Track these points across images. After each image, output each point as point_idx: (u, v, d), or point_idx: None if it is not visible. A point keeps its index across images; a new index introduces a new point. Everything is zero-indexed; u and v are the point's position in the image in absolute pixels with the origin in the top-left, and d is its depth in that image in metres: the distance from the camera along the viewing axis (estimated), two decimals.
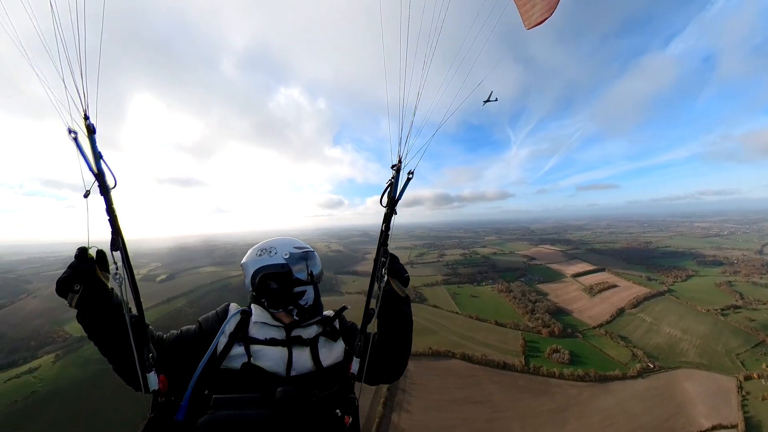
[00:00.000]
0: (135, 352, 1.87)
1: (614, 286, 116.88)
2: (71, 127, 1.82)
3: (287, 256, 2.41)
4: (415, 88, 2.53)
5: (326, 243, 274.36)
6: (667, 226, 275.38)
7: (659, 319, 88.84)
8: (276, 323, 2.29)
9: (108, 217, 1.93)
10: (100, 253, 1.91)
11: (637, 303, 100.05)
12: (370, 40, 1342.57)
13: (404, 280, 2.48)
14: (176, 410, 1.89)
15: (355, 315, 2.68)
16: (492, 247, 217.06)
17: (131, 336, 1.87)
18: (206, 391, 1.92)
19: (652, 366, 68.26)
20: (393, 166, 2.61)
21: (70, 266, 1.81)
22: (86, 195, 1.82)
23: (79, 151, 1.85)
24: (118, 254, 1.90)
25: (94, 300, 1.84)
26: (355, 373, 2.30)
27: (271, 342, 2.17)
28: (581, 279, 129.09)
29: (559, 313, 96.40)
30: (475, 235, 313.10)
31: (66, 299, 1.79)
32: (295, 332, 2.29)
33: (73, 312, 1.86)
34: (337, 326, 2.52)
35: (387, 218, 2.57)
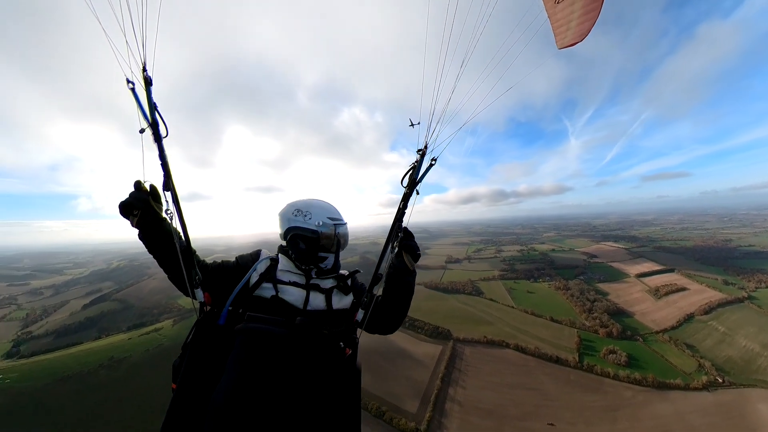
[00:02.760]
0: (185, 273, 2.27)
1: (683, 289, 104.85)
2: (129, 77, 2.00)
3: (320, 224, 2.62)
4: (448, 90, 2.62)
5: None
6: (752, 221, 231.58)
7: (734, 330, 78.45)
8: (298, 272, 2.62)
9: (160, 162, 2.22)
10: (153, 186, 2.22)
11: (709, 309, 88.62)
12: (414, 55, 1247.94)
13: (415, 256, 2.66)
14: (218, 318, 2.33)
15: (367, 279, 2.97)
16: (550, 243, 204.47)
17: (181, 260, 2.24)
18: (240, 310, 2.35)
19: (720, 380, 60.85)
20: (418, 151, 2.78)
21: (130, 195, 2.15)
22: (142, 131, 2.11)
23: (136, 101, 2.05)
24: (169, 194, 2.26)
25: (150, 224, 2.20)
26: (359, 320, 2.64)
27: (294, 284, 2.53)
28: (646, 280, 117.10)
29: (619, 314, 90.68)
30: (533, 231, 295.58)
31: (128, 220, 2.19)
32: (314, 281, 2.61)
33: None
34: (350, 284, 2.79)
35: (406, 197, 2.75)
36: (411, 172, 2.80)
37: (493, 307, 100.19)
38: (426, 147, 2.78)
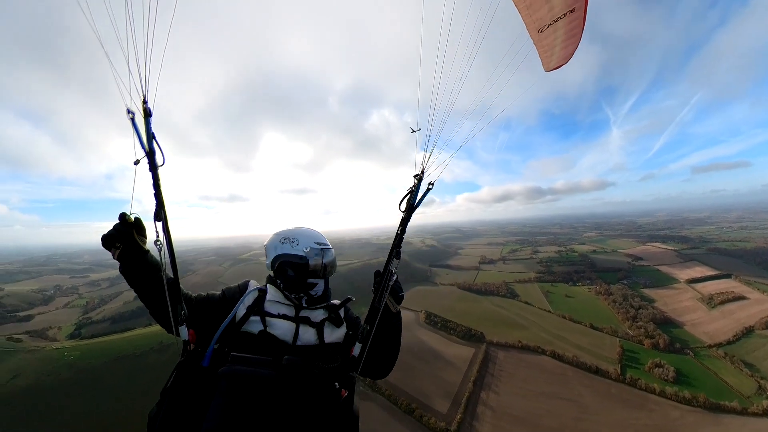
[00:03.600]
0: (170, 309, 2.13)
1: (742, 297, 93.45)
2: (130, 107, 2.06)
3: (307, 250, 2.58)
4: (443, 114, 2.76)
5: (421, 238, 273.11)
6: None
7: None
8: (287, 302, 2.50)
9: (153, 192, 2.16)
10: (138, 219, 2.17)
11: None
12: (436, 56, 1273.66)
13: (398, 298, 2.65)
14: (202, 358, 2.17)
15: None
16: (591, 244, 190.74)
17: (167, 294, 2.14)
18: (226, 349, 2.19)
19: None
20: (415, 176, 2.78)
21: (114, 227, 2.11)
22: (136, 163, 2.12)
23: (134, 130, 2.08)
24: (160, 225, 2.17)
25: (132, 258, 2.14)
26: (356, 355, 2.46)
27: (283, 317, 2.40)
28: (698, 286, 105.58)
29: (666, 323, 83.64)
30: (572, 230, 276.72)
31: (110, 252, 2.15)
32: (304, 312, 2.49)
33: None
34: (342, 314, 2.69)
35: (404, 222, 2.75)
36: (408, 196, 2.79)
37: (529, 310, 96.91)
38: (423, 172, 2.77)
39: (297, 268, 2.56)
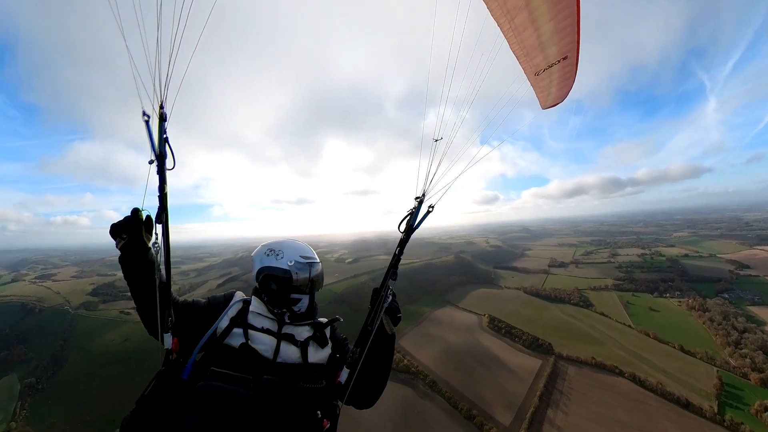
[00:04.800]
0: (158, 313, 2.10)
1: None
2: (146, 110, 2.08)
3: (292, 264, 2.48)
4: (447, 140, 2.87)
5: (485, 238, 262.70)
6: None
7: None
8: (271, 316, 2.41)
9: (158, 194, 2.18)
10: (149, 217, 2.19)
11: None
12: (483, 51, 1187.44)
13: (396, 319, 2.51)
14: (182, 370, 2.10)
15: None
16: (682, 246, 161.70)
17: (157, 297, 2.12)
18: (207, 362, 2.12)
19: None
20: (416, 198, 2.79)
21: (124, 219, 2.15)
22: (150, 162, 2.16)
23: (147, 133, 2.12)
24: (160, 228, 2.19)
25: (134, 251, 2.16)
26: (342, 382, 2.33)
27: (266, 331, 2.30)
28: None
29: None
30: (659, 229, 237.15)
31: (115, 242, 2.17)
32: (287, 329, 2.38)
33: None
34: (328, 334, 2.56)
35: (402, 243, 2.72)
36: (408, 218, 2.77)
37: (605, 323, 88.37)
38: (424, 195, 2.77)
39: (280, 282, 2.46)
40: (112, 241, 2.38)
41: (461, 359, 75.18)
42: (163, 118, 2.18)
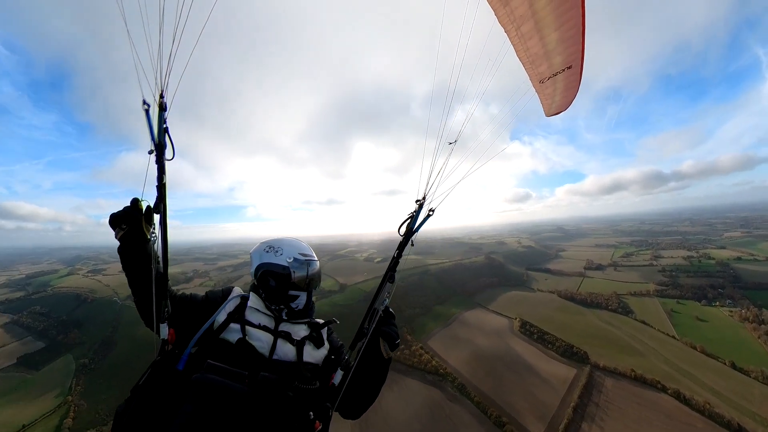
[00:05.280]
0: (154, 303, 2.09)
1: None
2: (146, 99, 2.01)
3: (291, 260, 2.50)
4: (447, 149, 2.92)
5: (516, 238, 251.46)
6: None
7: None
8: (268, 313, 2.43)
9: (157, 184, 2.13)
10: (149, 207, 2.15)
11: None
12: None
13: (393, 345, 2.45)
14: (177, 361, 2.07)
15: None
16: (734, 248, 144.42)
17: (153, 288, 2.09)
18: (202, 355, 2.09)
19: None
20: (417, 201, 2.82)
21: (123, 209, 2.12)
22: (150, 152, 2.11)
23: (147, 122, 2.06)
24: (158, 218, 2.17)
25: (133, 242, 2.13)
26: (336, 384, 2.36)
27: (263, 328, 2.31)
28: None
29: None
30: (707, 228, 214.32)
31: (114, 231, 2.14)
32: (284, 326, 2.40)
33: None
34: (324, 335, 2.58)
35: (401, 246, 2.76)
36: (408, 221, 2.79)
37: (646, 332, 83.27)
38: (424, 198, 2.78)
39: (279, 278, 2.48)
40: (158, 241, 2.44)
41: (491, 364, 73.91)
42: (163, 108, 2.13)
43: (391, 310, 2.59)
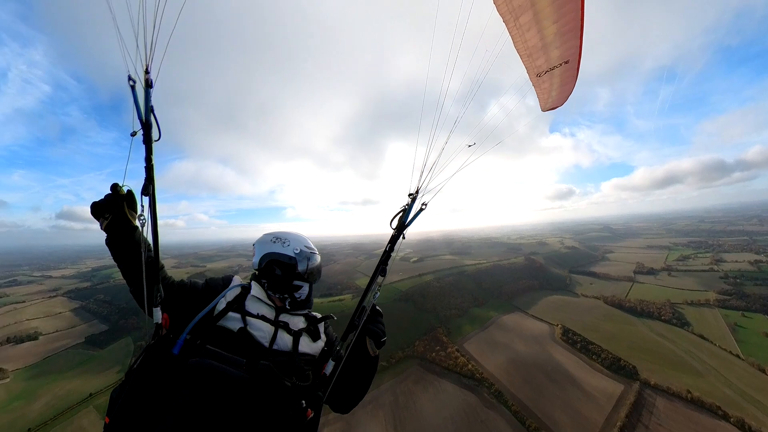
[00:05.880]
0: (145, 288, 2.04)
1: None
2: (132, 76, 1.88)
3: (297, 252, 2.59)
4: (441, 141, 2.93)
5: (559, 238, 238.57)
6: None
7: None
8: (269, 302, 2.45)
9: (145, 165, 2.02)
10: (130, 192, 2.07)
11: None
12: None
13: (380, 343, 2.48)
14: (173, 345, 2.03)
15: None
16: None
17: (143, 273, 2.04)
18: (198, 341, 2.06)
19: None
20: (410, 195, 2.82)
21: (105, 197, 2.04)
22: (133, 134, 1.97)
23: (134, 99, 1.93)
24: (147, 201, 2.04)
25: (119, 230, 2.05)
26: (327, 374, 2.37)
27: (262, 318, 2.31)
28: None
29: None
30: None
31: (98, 222, 2.06)
32: (283, 317, 2.42)
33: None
34: (321, 329, 2.63)
35: (393, 240, 2.75)
36: (401, 214, 2.77)
37: (705, 349, 75.97)
38: (417, 192, 2.77)
39: (285, 267, 2.55)
40: (206, 239, 2.67)
41: (530, 372, 71.64)
42: (149, 84, 1.98)
43: (378, 308, 2.59)
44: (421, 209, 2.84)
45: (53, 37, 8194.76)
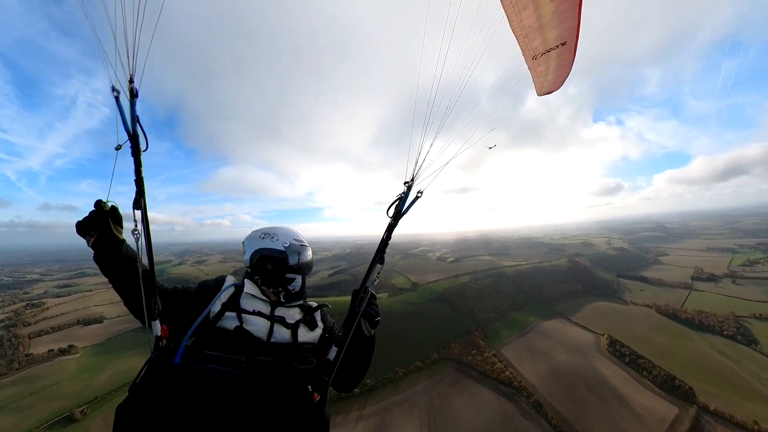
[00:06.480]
0: (144, 302, 2.04)
1: None
2: (115, 86, 1.85)
3: (287, 245, 2.61)
4: (435, 129, 2.93)
5: (606, 238, 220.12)
6: None
7: None
8: (264, 298, 2.49)
9: (134, 178, 2.00)
10: (114, 208, 2.07)
11: None
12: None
13: (374, 323, 2.59)
14: (174, 355, 2.05)
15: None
16: None
17: (141, 287, 2.03)
18: (199, 346, 2.12)
19: None
20: (405, 183, 2.82)
21: (89, 214, 2.03)
22: (117, 148, 1.93)
23: (119, 110, 1.89)
24: (139, 214, 2.03)
25: (106, 247, 2.05)
26: (331, 359, 2.41)
27: (258, 314, 2.35)
28: None
29: None
30: None
31: (85, 239, 2.05)
32: (279, 311, 2.46)
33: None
34: (318, 317, 2.68)
35: (390, 228, 2.79)
36: (397, 203, 2.80)
37: None
38: (413, 180, 2.78)
39: (276, 262, 2.57)
40: (247, 235, 2.73)
41: (572, 384, 68.46)
42: (134, 94, 1.94)
43: (372, 291, 2.67)
44: (417, 197, 2.82)
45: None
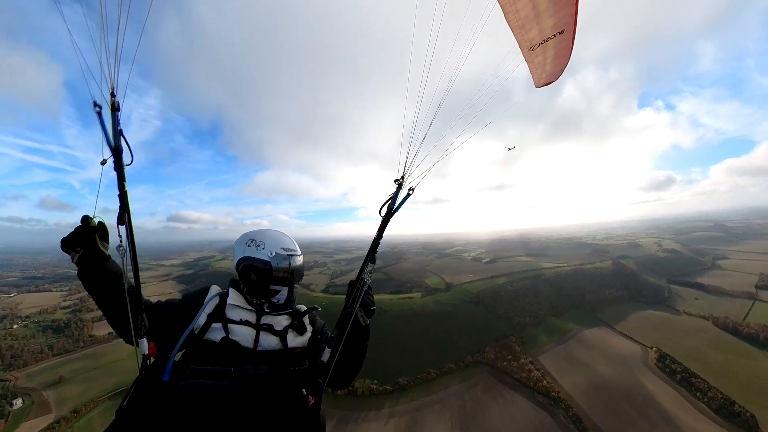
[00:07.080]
0: (131, 320, 1.98)
1: None
2: (97, 100, 1.83)
3: (272, 255, 2.46)
4: (425, 125, 2.84)
5: (656, 238, 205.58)
6: None
7: None
8: (249, 307, 2.41)
9: (118, 192, 1.97)
10: (101, 224, 2.01)
11: None
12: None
13: (369, 312, 2.52)
14: (162, 372, 2.00)
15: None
16: None
17: (128, 304, 1.98)
18: (187, 361, 2.09)
19: None
20: (396, 181, 2.74)
21: (75, 230, 1.97)
22: (102, 163, 1.91)
23: (101, 125, 1.87)
24: (123, 229, 2.00)
25: (91, 263, 1.99)
26: (325, 361, 2.38)
27: (245, 323, 2.29)
28: None
29: None
30: None
31: (69, 256, 1.99)
32: (265, 319, 2.38)
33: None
34: (307, 321, 2.57)
35: (382, 227, 2.72)
36: (389, 201, 2.75)
37: None
38: (403, 178, 2.76)
39: (260, 273, 2.46)
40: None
41: (614, 399, 65.02)
42: (116, 108, 1.91)
43: (369, 283, 2.62)
44: (408, 194, 2.77)
45: (163, 87, 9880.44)
